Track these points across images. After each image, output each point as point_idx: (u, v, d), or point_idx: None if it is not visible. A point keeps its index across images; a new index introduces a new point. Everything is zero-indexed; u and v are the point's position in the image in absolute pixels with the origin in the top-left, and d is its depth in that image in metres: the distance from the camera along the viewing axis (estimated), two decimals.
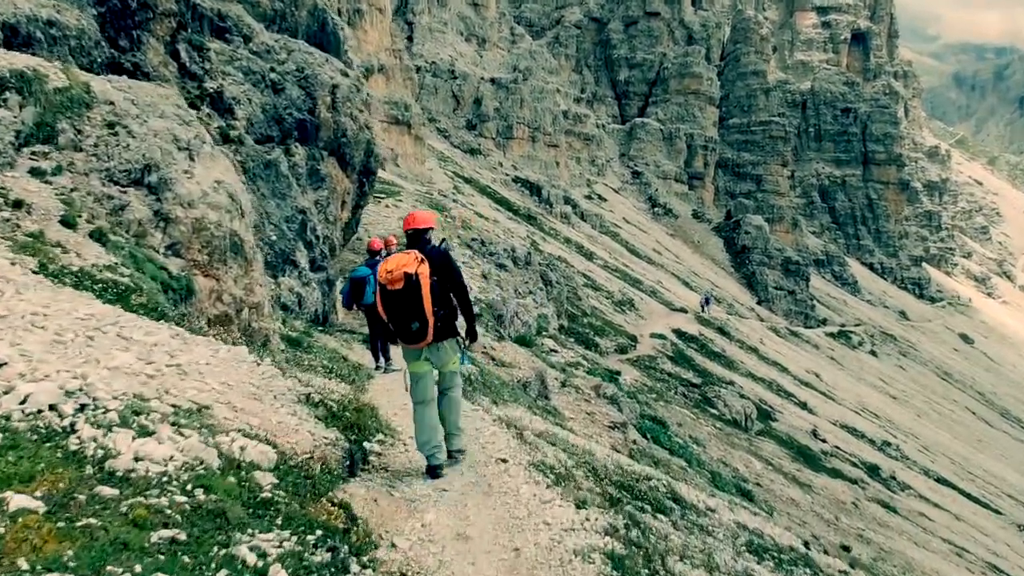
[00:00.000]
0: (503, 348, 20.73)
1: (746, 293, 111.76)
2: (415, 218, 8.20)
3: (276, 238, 15.50)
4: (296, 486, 4.50)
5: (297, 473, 4.78)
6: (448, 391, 8.16)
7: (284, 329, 13.57)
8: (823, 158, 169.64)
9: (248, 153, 15.62)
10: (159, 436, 4.29)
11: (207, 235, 10.40)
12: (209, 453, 4.29)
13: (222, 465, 4.29)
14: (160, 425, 4.47)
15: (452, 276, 8.03)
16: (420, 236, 8.11)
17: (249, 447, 4.65)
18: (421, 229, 8.16)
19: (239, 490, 4.04)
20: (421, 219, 8.22)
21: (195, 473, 4.04)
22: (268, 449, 4.73)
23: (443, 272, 7.85)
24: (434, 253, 7.91)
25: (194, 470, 4.09)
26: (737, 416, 49.37)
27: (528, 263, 46.03)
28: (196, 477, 3.97)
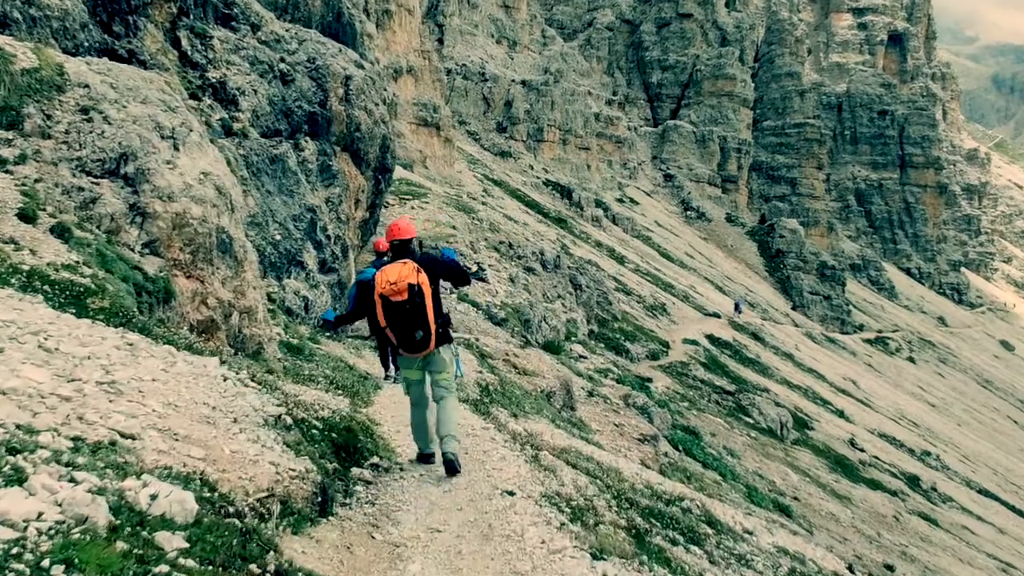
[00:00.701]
0: (527, 355, 19.58)
1: (780, 298, 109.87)
2: (400, 228, 8.15)
3: (281, 237, 14.49)
4: (216, 548, 3.39)
5: (226, 529, 3.69)
6: (443, 399, 8.13)
7: (285, 335, 12.55)
8: (859, 161, 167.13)
9: (252, 147, 14.63)
10: (32, 484, 3.21)
11: (189, 232, 9.35)
12: (97, 507, 3.18)
13: (112, 524, 3.19)
14: (41, 468, 3.40)
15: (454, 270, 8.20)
16: (406, 246, 8.13)
17: (163, 495, 3.56)
18: (406, 240, 8.14)
19: (123, 564, 2.93)
20: (406, 229, 8.16)
21: (65, 539, 2.92)
22: (187, 497, 3.62)
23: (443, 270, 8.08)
24: (427, 259, 8.06)
25: (66, 534, 2.98)
26: (772, 425, 48.11)
27: (557, 267, 44.88)
28: (62, 546, 2.84)
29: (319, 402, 8.63)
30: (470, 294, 32.69)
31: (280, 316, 13.32)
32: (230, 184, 10.32)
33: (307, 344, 12.69)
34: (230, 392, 6.05)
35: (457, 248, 35.64)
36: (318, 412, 7.82)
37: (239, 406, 5.84)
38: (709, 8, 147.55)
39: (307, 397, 8.78)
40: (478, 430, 9.56)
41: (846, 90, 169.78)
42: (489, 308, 31.78)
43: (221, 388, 6.06)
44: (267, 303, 13.63)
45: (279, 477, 5.19)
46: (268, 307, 13.51)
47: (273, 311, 13.20)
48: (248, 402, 6.04)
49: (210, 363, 6.89)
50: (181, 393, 5.58)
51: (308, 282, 15.07)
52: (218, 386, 6.09)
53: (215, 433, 5.24)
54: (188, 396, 5.58)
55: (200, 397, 5.67)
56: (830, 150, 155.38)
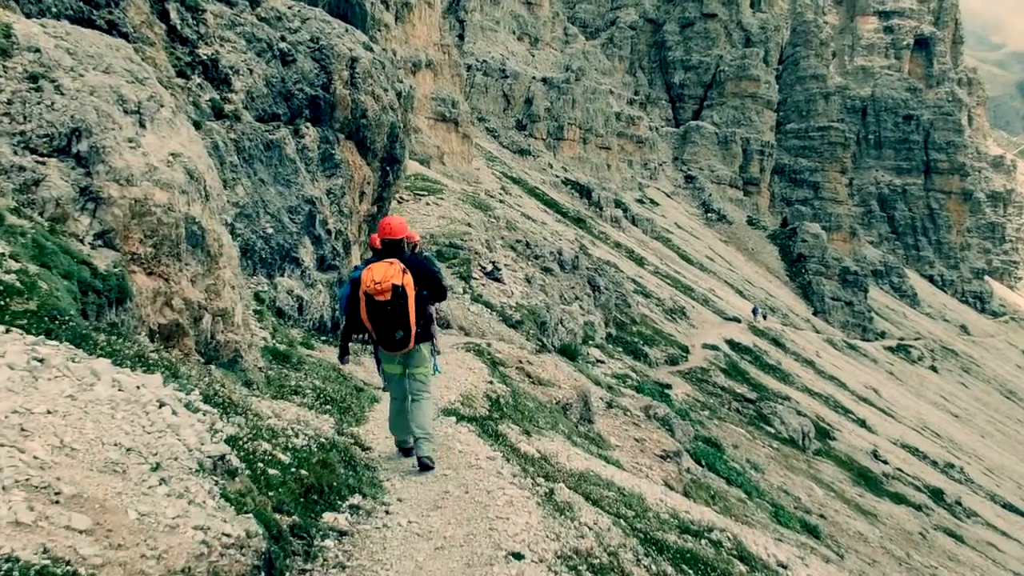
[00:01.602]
0: (542, 363, 18.19)
1: (801, 303, 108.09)
2: (391, 226, 8.29)
3: (273, 231, 13.15)
4: None
5: None
6: (418, 397, 8.34)
7: (272, 340, 11.21)
8: (883, 166, 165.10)
9: (244, 131, 13.29)
10: None
11: (151, 221, 8.01)
12: None
13: None
14: None
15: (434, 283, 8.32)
16: (397, 245, 8.29)
17: None
18: (397, 239, 8.29)
19: None
20: (397, 228, 8.33)
21: None
22: None
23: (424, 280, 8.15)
24: (414, 263, 8.15)
25: None
26: (794, 434, 46.77)
27: (575, 267, 43.46)
28: None
29: (295, 425, 7.28)
30: (484, 294, 31.34)
31: (268, 318, 11.98)
32: (205, 168, 8.98)
33: (296, 350, 11.33)
34: (160, 424, 4.69)
35: (472, 247, 34.29)
36: (289, 440, 6.46)
37: (166, 444, 4.47)
38: (734, 8, 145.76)
39: (282, 419, 7.43)
40: (483, 460, 8.18)
41: (871, 94, 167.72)
42: (504, 309, 30.41)
43: (148, 419, 4.70)
44: (254, 304, 12.30)
45: (204, 549, 3.83)
46: (255, 308, 12.17)
47: (261, 313, 11.87)
48: (182, 438, 4.67)
49: (150, 382, 5.53)
50: (86, 429, 4.22)
51: (303, 280, 13.72)
52: (146, 416, 4.74)
53: (121, 487, 3.89)
54: (95, 433, 4.22)
55: (112, 434, 4.31)
56: (853, 155, 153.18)
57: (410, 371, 8.36)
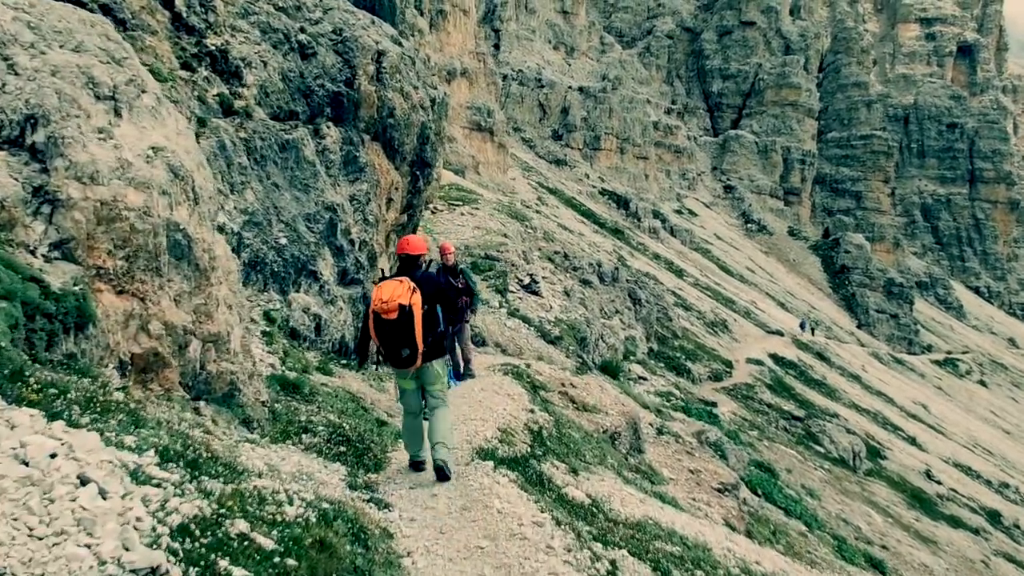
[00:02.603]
0: (586, 385, 16.57)
1: (845, 316, 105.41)
2: (408, 243, 8.42)
3: (287, 241, 11.65)
4: None
5: None
6: (436, 409, 8.37)
7: (281, 367, 9.70)
8: (926, 175, 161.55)
9: (256, 129, 11.84)
10: None
11: (122, 228, 6.52)
12: None
13: None
14: None
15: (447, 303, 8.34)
16: (413, 262, 8.34)
17: None
18: (414, 256, 8.33)
19: None
20: (414, 245, 8.39)
21: None
22: None
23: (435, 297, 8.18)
24: (425, 281, 8.13)
25: None
26: (844, 454, 44.89)
27: (615, 280, 41.78)
28: None
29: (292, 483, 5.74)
30: (521, 308, 29.79)
31: (279, 341, 10.47)
32: (194, 166, 7.49)
33: (309, 378, 9.79)
34: (65, 521, 3.15)
35: (508, 259, 32.76)
36: (279, 511, 4.92)
37: (63, 560, 2.95)
38: (773, 16, 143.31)
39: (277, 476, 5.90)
40: (528, 526, 6.58)
41: (913, 102, 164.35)
42: (542, 324, 28.82)
43: (49, 513, 3.19)
44: (263, 324, 10.81)
45: None
46: (264, 329, 10.67)
47: (270, 335, 10.37)
48: (96, 541, 3.13)
49: (80, 443, 4.02)
50: None
51: (322, 296, 12.20)
52: (46, 508, 3.23)
53: None
54: None
55: None
56: (896, 164, 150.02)
57: (427, 389, 8.41)
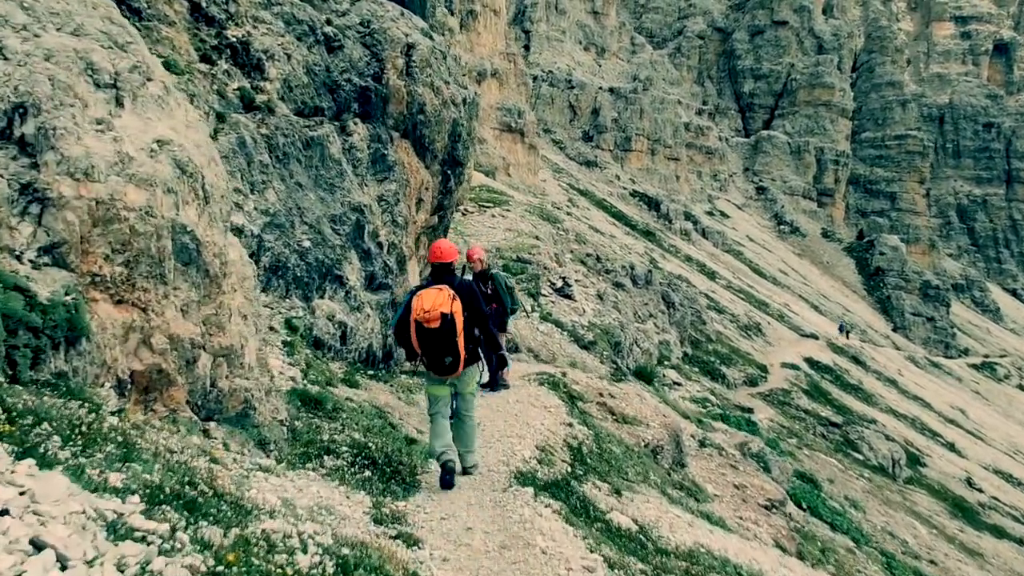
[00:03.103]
0: (625, 395, 15.75)
1: (880, 319, 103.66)
2: (440, 250, 8.40)
3: (311, 244, 10.91)
4: None
5: None
6: (465, 415, 8.50)
7: (302, 381, 8.96)
8: (962, 176, 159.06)
9: (279, 125, 11.13)
10: None
11: (121, 231, 5.80)
12: None
13: None
14: None
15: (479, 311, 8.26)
16: (447, 269, 8.35)
17: None
18: (447, 263, 8.34)
19: None
20: (447, 252, 8.40)
21: None
22: None
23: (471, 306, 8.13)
24: (463, 288, 8.21)
25: None
26: (883, 461, 43.82)
27: (649, 282, 40.88)
28: None
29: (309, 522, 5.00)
30: (554, 312, 29.00)
31: (302, 351, 9.73)
32: (205, 161, 6.77)
33: (333, 392, 9.01)
34: None
35: (540, 261, 31.97)
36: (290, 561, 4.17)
37: None
38: (805, 15, 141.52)
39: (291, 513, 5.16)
40: (576, 567, 5.78)
41: (948, 101, 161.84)
42: (575, 329, 28.00)
43: None
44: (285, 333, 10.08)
45: None
46: (286, 339, 9.94)
47: (291, 345, 9.63)
48: None
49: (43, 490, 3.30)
50: None
51: (349, 303, 11.45)
52: None
53: None
54: None
55: None
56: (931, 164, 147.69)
57: (459, 391, 8.45)
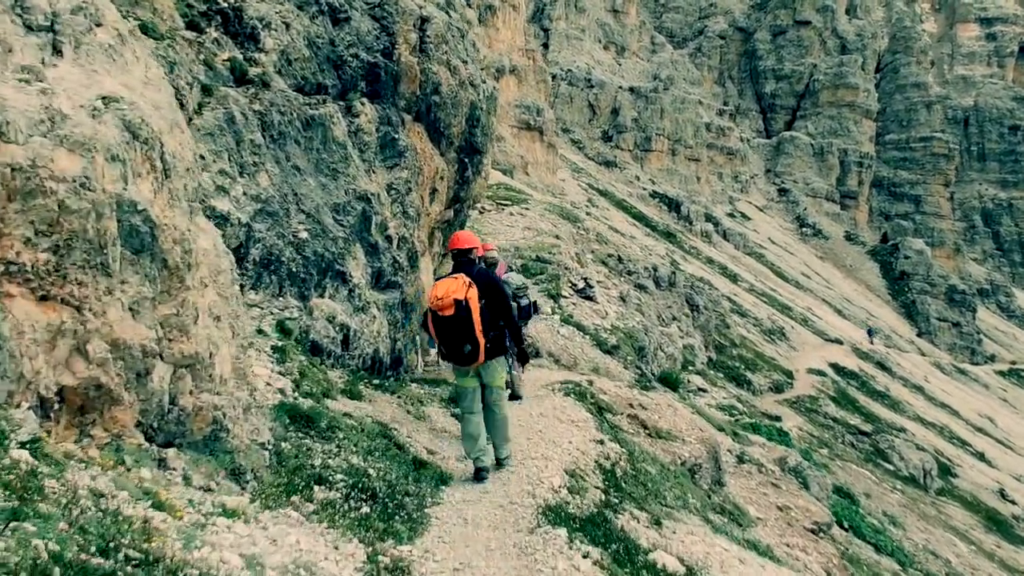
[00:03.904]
0: (656, 405, 14.38)
1: (905, 324, 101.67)
2: (458, 239, 8.35)
3: (309, 235, 9.58)
4: None
5: None
6: (495, 407, 8.35)
7: (293, 393, 7.62)
8: (987, 179, 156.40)
9: (275, 101, 9.84)
10: None
11: (47, 207, 4.51)
12: None
13: None
14: None
15: (499, 300, 8.07)
16: (464, 256, 8.22)
17: None
18: (465, 250, 8.22)
19: None
20: (464, 240, 8.33)
21: None
22: None
23: (490, 295, 7.97)
24: (481, 276, 8.05)
25: None
26: (915, 472, 42.38)
27: (672, 284, 39.48)
28: None
29: None
30: (575, 315, 27.62)
31: (295, 358, 8.38)
32: (165, 125, 5.47)
33: (329, 406, 7.64)
34: None
35: (561, 261, 30.61)
36: None
37: None
38: (829, 15, 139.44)
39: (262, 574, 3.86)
40: None
41: (973, 104, 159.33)
42: (598, 332, 26.62)
43: None
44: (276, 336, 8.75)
45: None
46: (276, 343, 8.61)
47: (282, 351, 8.28)
48: None
49: None
50: None
51: (352, 302, 10.11)
52: None
53: None
54: None
55: None
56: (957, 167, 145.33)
57: (486, 383, 8.26)
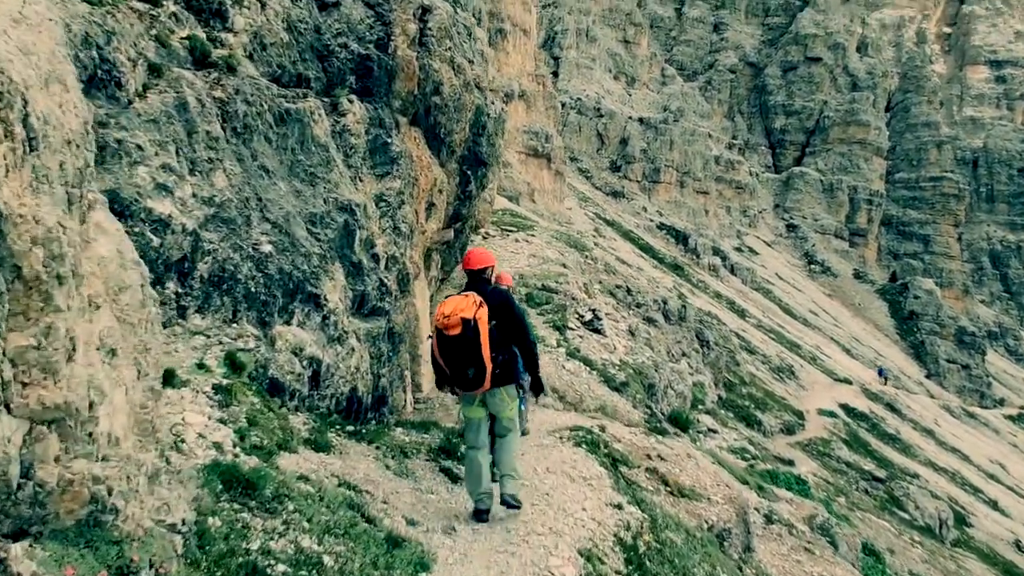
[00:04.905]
0: (676, 456, 12.64)
1: (913, 365, 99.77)
2: (473, 257, 7.86)
3: (274, 248, 7.83)
4: None
5: None
6: (503, 436, 7.73)
7: (232, 450, 5.89)
8: (995, 221, 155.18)
9: (241, 89, 8.20)
10: None
11: None
12: None
13: None
14: None
15: (513, 321, 7.51)
16: (479, 276, 7.69)
17: None
18: (479, 269, 7.67)
19: None
20: (479, 258, 7.84)
21: None
22: None
23: (503, 316, 7.42)
24: (494, 295, 7.51)
25: None
26: (931, 521, 40.61)
27: (683, 319, 37.76)
28: None
29: None
30: (582, 348, 25.86)
31: (243, 400, 6.63)
32: (36, 78, 3.92)
33: (273, 470, 5.87)
34: None
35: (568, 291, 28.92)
36: None
37: None
38: (840, 53, 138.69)
39: None
40: None
41: (983, 145, 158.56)
42: (606, 368, 24.84)
43: None
44: (218, 373, 7.03)
45: None
46: (218, 382, 6.86)
47: (227, 391, 6.56)
48: None
49: None
50: None
51: (326, 331, 8.33)
52: None
53: None
54: None
55: None
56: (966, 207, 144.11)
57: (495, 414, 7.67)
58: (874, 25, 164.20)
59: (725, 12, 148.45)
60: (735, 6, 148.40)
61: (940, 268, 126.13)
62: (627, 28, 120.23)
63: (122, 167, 6.65)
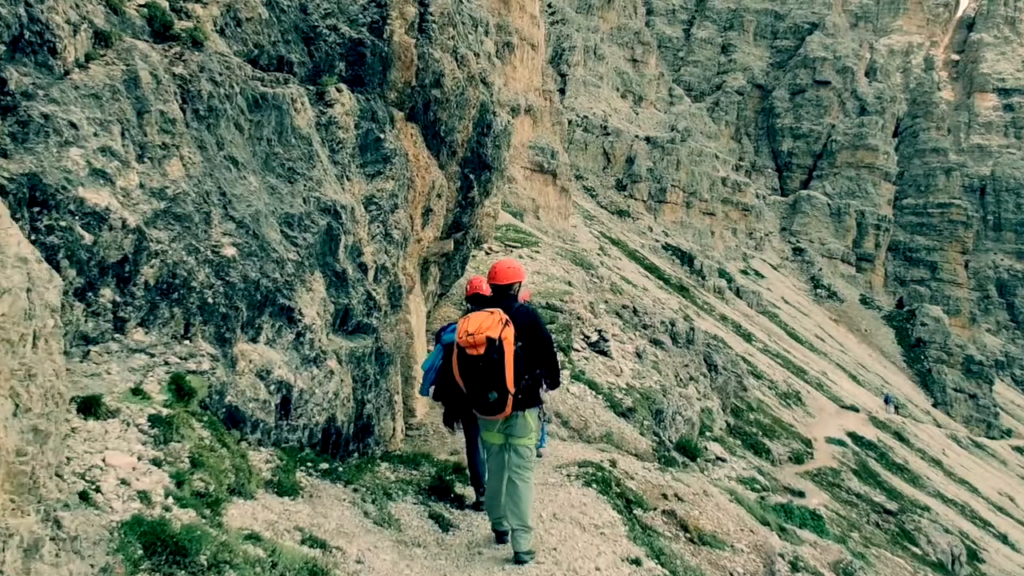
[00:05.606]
0: (694, 496, 11.39)
1: (920, 393, 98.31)
2: (500, 270, 7.32)
3: (239, 253, 6.59)
4: None
5: None
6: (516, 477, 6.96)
7: (163, 499, 4.72)
8: (1003, 249, 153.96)
9: (207, 66, 7.02)
10: None
11: None
12: None
13: None
14: None
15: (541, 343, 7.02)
16: (505, 292, 7.25)
17: None
18: (505, 285, 7.22)
19: None
20: (506, 273, 7.30)
21: None
22: None
23: (531, 338, 6.93)
24: (521, 314, 7.02)
25: None
26: (943, 557, 39.27)
27: (690, 342, 36.45)
28: None
29: None
30: (587, 371, 24.69)
31: (190, 435, 5.44)
32: None
33: (214, 526, 4.74)
34: None
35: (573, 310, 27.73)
36: None
37: None
38: (848, 77, 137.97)
39: None
40: None
41: (990, 173, 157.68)
42: (612, 392, 23.62)
43: None
44: (157, 401, 5.78)
45: None
46: (156, 413, 5.64)
47: (167, 424, 5.36)
48: None
49: None
50: None
51: (300, 350, 7.17)
52: None
53: None
54: None
55: None
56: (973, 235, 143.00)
57: (511, 441, 7.03)
58: (882, 51, 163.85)
59: (734, 34, 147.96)
60: (744, 28, 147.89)
61: (947, 295, 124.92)
62: (635, 47, 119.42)
63: (48, 147, 5.46)
